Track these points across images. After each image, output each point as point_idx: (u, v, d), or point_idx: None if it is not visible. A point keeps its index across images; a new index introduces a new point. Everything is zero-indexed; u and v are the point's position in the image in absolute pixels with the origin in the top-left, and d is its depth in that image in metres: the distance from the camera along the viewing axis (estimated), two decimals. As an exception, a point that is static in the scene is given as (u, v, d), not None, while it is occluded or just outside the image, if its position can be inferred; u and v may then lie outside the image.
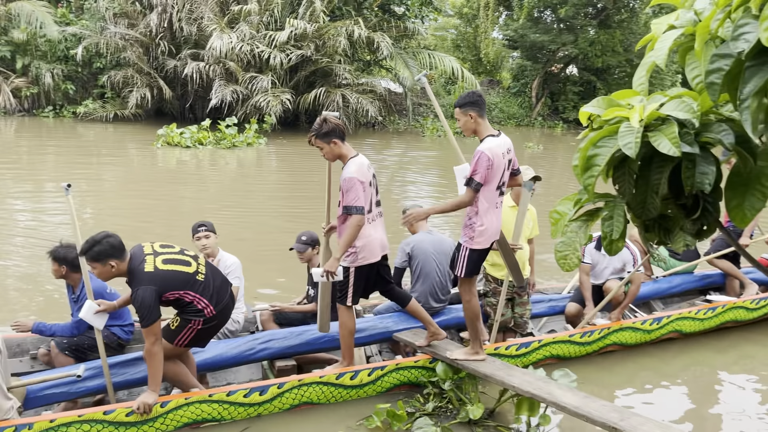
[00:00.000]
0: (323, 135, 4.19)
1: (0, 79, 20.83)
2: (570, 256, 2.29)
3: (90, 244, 3.74)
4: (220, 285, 4.06)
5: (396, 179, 15.32)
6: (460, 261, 4.28)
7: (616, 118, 2.17)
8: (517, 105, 30.49)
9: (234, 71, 20.02)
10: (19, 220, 9.43)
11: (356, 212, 4.05)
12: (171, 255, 3.90)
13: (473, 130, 4.26)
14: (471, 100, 4.22)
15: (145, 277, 3.70)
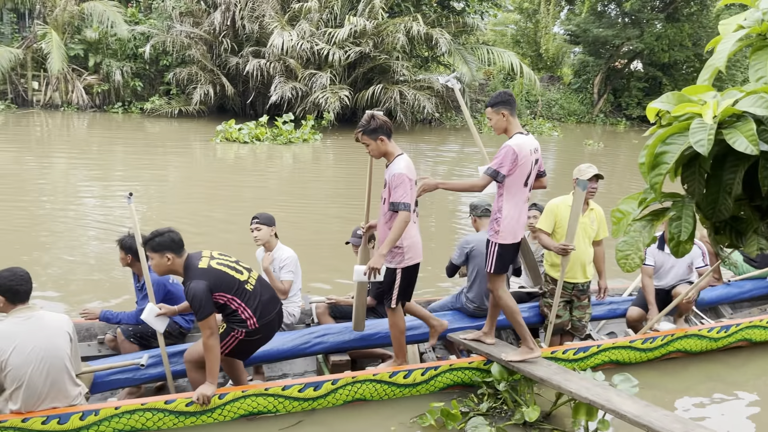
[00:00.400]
0: (370, 131, 4.16)
1: (74, 77, 21.79)
2: (632, 256, 2.21)
3: (153, 235, 3.88)
4: (267, 300, 4.08)
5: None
6: (489, 257, 4.30)
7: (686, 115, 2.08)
8: (577, 101, 29.80)
9: (294, 68, 20.31)
10: (90, 210, 9.84)
11: (404, 209, 4.02)
12: (225, 260, 4.01)
13: (504, 128, 4.29)
14: (503, 99, 4.25)
15: (198, 272, 3.84)
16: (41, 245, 7.92)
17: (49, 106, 21.81)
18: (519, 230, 4.31)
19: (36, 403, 3.52)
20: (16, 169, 12.76)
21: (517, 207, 4.22)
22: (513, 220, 4.22)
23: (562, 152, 20.69)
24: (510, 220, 4.21)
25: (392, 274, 4.24)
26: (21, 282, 3.50)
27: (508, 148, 4.11)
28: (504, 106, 4.22)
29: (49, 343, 3.48)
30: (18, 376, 3.42)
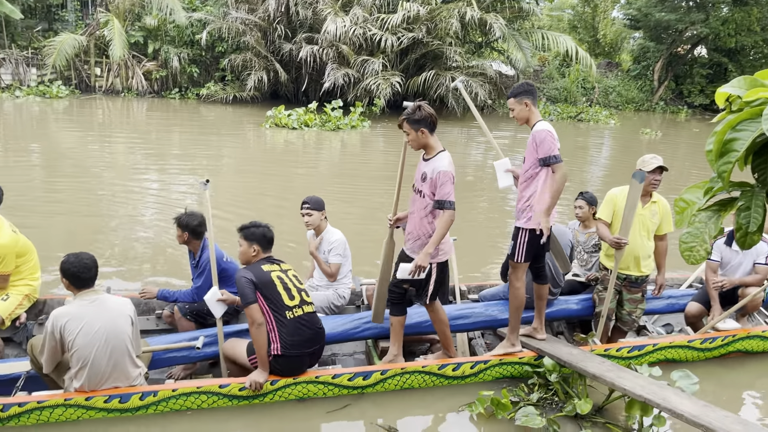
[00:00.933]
0: (414, 121, 4.10)
1: (134, 63, 22.43)
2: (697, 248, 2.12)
3: (251, 225, 4.06)
4: (305, 339, 4.00)
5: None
6: (519, 246, 4.26)
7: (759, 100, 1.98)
8: (636, 89, 28.89)
9: (346, 54, 20.36)
10: (148, 190, 10.15)
11: (449, 207, 3.99)
12: (287, 279, 4.02)
13: (527, 118, 4.29)
14: (526, 89, 4.27)
15: (253, 268, 3.96)
16: (101, 223, 8.22)
17: (110, 92, 22.54)
18: (553, 215, 4.28)
19: (99, 383, 3.66)
20: (80, 150, 13.26)
21: None
22: None
23: (618, 141, 20.13)
24: None
25: (428, 270, 4.18)
26: (85, 269, 3.62)
27: (547, 133, 4.11)
28: (527, 95, 4.24)
29: (113, 325, 3.60)
30: (83, 356, 3.56)
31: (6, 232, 4.45)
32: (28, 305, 4.63)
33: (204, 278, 4.60)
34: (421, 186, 4.13)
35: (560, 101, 27.15)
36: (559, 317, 5.18)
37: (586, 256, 5.47)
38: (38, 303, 4.79)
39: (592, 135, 21.01)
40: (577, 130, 21.84)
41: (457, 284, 5.47)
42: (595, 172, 14.80)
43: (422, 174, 4.13)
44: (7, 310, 4.44)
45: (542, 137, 4.10)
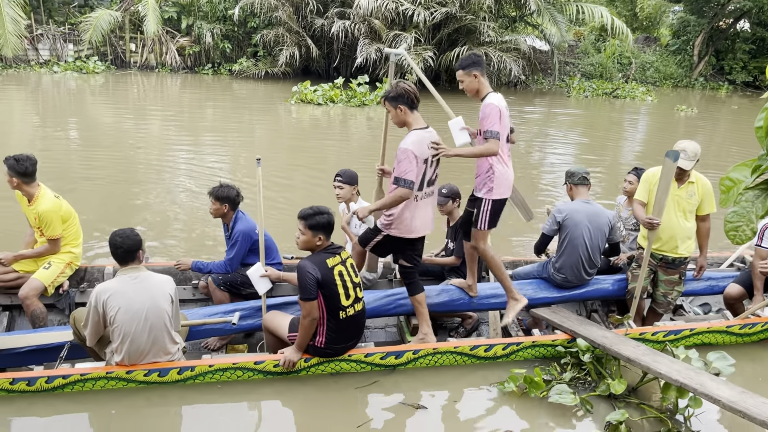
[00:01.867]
0: (391, 98, 4.16)
1: (167, 39, 22.59)
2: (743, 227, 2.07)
3: (314, 211, 3.92)
4: (348, 336, 4.06)
5: (536, 140, 14.79)
6: (482, 215, 4.36)
7: None
8: (675, 64, 28.08)
9: (378, 29, 20.17)
10: (181, 164, 10.30)
11: (404, 185, 4.04)
12: (347, 277, 3.97)
13: (476, 90, 4.31)
14: (474, 60, 4.27)
15: (318, 261, 3.88)
16: (136, 196, 8.38)
17: (144, 67, 22.76)
18: (511, 183, 4.40)
19: (138, 358, 3.77)
20: (116, 125, 13.47)
21: (504, 162, 4.31)
22: (503, 176, 4.29)
23: (654, 118, 19.64)
24: (501, 175, 4.28)
25: (376, 231, 4.36)
26: (129, 246, 3.68)
27: (492, 107, 4.14)
28: (475, 67, 4.24)
29: (153, 303, 3.69)
30: (123, 332, 3.66)
31: (48, 197, 4.58)
32: (70, 273, 4.76)
33: (237, 249, 4.68)
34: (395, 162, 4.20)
35: (595, 77, 26.54)
36: (594, 297, 5.13)
37: (625, 232, 5.40)
38: (80, 271, 4.92)
39: (627, 112, 20.55)
40: (612, 107, 21.38)
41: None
42: (630, 150, 14.51)
43: None
44: (49, 278, 4.57)
45: (487, 112, 4.14)
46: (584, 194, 4.93)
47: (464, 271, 5.12)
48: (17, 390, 3.73)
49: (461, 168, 8.72)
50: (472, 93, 4.34)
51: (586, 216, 4.78)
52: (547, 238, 4.93)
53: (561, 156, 13.00)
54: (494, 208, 4.34)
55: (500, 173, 4.27)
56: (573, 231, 4.74)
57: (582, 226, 4.75)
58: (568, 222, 4.77)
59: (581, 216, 4.77)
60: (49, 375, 3.76)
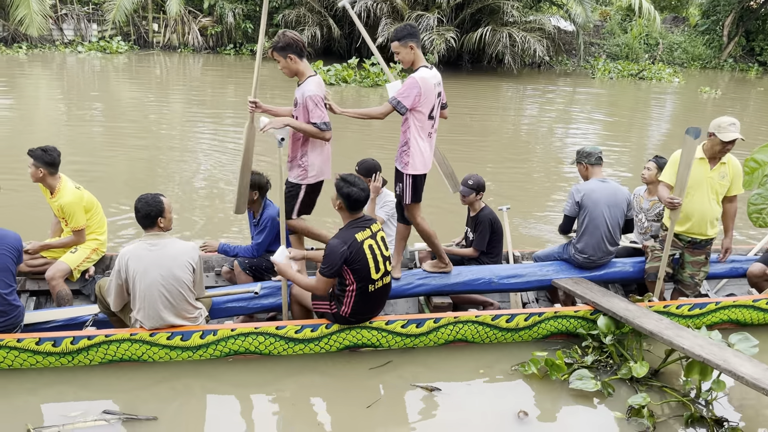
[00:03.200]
0: (280, 48, 4.16)
1: (190, 19, 22.62)
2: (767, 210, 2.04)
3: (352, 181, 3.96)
4: (373, 307, 4.13)
5: (559, 122, 14.61)
6: (405, 190, 4.39)
7: None
8: (703, 45, 27.44)
9: (400, 9, 19.99)
10: (204, 146, 10.36)
11: (325, 128, 4.14)
12: (378, 250, 3.99)
13: (411, 61, 4.32)
14: (410, 32, 4.26)
15: (350, 238, 3.89)
16: (160, 177, 8.46)
17: (167, 48, 22.84)
18: (428, 160, 4.42)
19: (157, 323, 3.85)
20: (139, 105, 13.58)
21: (425, 140, 4.33)
22: (420, 151, 4.31)
23: (679, 100, 19.26)
24: (416, 151, 4.30)
25: (296, 188, 4.36)
26: (147, 210, 3.75)
27: (412, 80, 4.16)
28: (411, 38, 4.24)
29: (170, 272, 3.75)
30: (141, 297, 3.75)
31: (69, 189, 4.63)
32: (96, 259, 4.84)
33: (265, 235, 4.72)
34: (295, 112, 4.22)
35: (621, 58, 26.05)
36: (614, 279, 5.09)
37: (647, 224, 5.32)
38: (105, 258, 5.01)
39: (652, 93, 20.18)
40: (637, 89, 21.01)
41: (510, 250, 5.43)
42: (654, 132, 14.28)
43: (294, 100, 4.24)
44: (75, 262, 4.65)
45: (406, 83, 4.18)
46: (599, 174, 4.91)
47: (484, 262, 5.10)
48: (43, 351, 3.82)
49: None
50: (407, 65, 4.34)
51: (605, 194, 4.75)
52: (570, 219, 4.90)
53: (584, 138, 12.84)
54: (415, 183, 4.38)
55: (416, 148, 4.30)
56: (592, 210, 4.71)
57: (601, 205, 4.71)
58: (587, 201, 4.73)
59: (599, 195, 4.74)
60: (74, 335, 3.84)
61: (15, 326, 3.85)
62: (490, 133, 13.27)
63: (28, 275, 4.73)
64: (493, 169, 9.85)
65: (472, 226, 5.18)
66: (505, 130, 13.76)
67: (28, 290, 4.79)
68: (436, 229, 4.62)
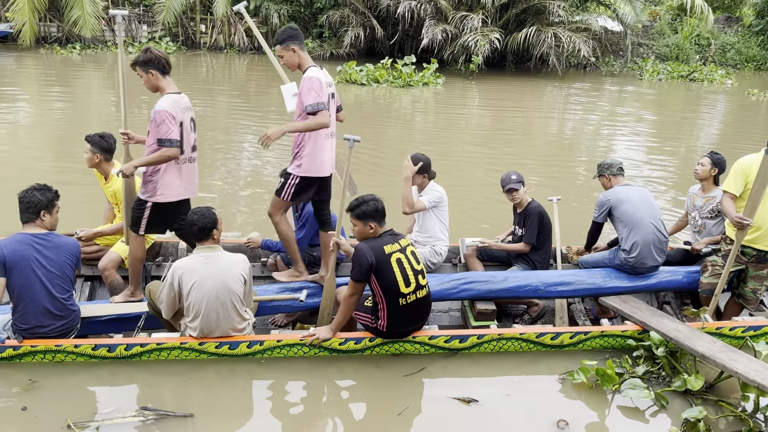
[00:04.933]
0: (141, 63, 4.15)
1: (236, 20, 22.97)
2: None
3: (359, 203, 3.96)
4: (417, 318, 4.06)
5: (604, 125, 14.31)
6: (288, 187, 4.31)
7: None
8: (758, 46, 26.52)
9: (444, 10, 19.91)
10: (246, 146, 10.50)
11: (168, 145, 4.04)
12: (407, 264, 3.94)
13: (297, 64, 4.26)
14: (290, 34, 4.22)
15: (376, 246, 3.89)
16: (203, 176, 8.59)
17: (213, 48, 23.27)
18: (325, 164, 4.34)
19: (209, 333, 3.91)
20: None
21: (320, 141, 4.24)
22: (314, 154, 4.24)
23: (726, 102, 18.61)
24: (311, 153, 4.23)
25: (142, 205, 4.26)
26: (203, 224, 3.79)
27: (314, 80, 4.10)
28: (293, 41, 4.20)
29: (223, 284, 3.79)
30: (195, 308, 3.81)
31: None
32: (146, 246, 4.94)
33: (306, 229, 4.75)
34: (149, 126, 4.14)
35: (671, 59, 25.38)
36: (666, 288, 4.94)
37: (701, 221, 5.14)
38: (155, 245, 5.11)
39: (702, 95, 19.59)
40: (687, 91, 20.43)
41: (558, 247, 5.32)
42: (705, 135, 13.84)
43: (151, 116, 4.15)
44: (126, 251, 4.75)
45: (309, 85, 4.08)
46: (622, 182, 4.92)
47: (532, 259, 5.02)
48: (98, 356, 3.91)
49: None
50: (293, 68, 4.28)
51: (634, 194, 4.76)
52: (598, 225, 4.91)
53: (630, 142, 12.53)
54: (301, 184, 4.30)
55: (311, 151, 4.23)
56: (629, 209, 4.66)
57: (637, 202, 4.67)
58: (621, 203, 4.69)
59: (631, 193, 4.76)
60: (128, 343, 3.93)
61: (72, 329, 3.96)
62: (534, 132, 13.08)
63: (83, 261, 4.84)
64: (538, 169, 9.70)
65: (520, 222, 5.12)
66: (549, 129, 13.56)
67: (83, 275, 4.95)
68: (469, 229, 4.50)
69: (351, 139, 4.27)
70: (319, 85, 4.11)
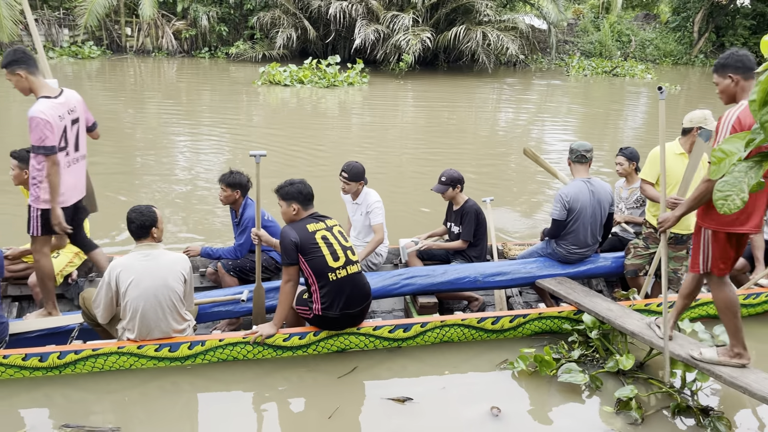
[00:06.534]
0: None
1: (163, 22, 22.40)
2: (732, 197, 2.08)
3: (285, 184, 4.05)
4: (350, 297, 4.01)
5: (534, 119, 14.75)
6: (32, 221, 4.04)
7: None
8: (675, 41, 27.90)
9: (376, 10, 20.02)
10: (180, 149, 10.26)
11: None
12: (333, 240, 3.99)
13: (27, 88, 3.96)
14: (15, 58, 3.86)
15: (299, 227, 3.95)
16: (136, 184, 8.35)
17: (141, 52, 22.61)
18: (68, 194, 4.12)
19: (148, 335, 3.80)
20: (114, 111, 13.38)
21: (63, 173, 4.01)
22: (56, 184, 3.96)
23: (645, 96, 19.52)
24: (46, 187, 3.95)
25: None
26: (143, 220, 3.70)
27: (37, 120, 3.79)
28: (17, 65, 3.86)
29: (162, 282, 3.70)
30: (133, 308, 3.69)
31: None
32: (78, 263, 4.77)
33: (247, 235, 4.70)
34: None
35: (595, 55, 26.39)
36: (596, 274, 5.15)
37: (627, 212, 5.40)
38: (88, 261, 4.92)
39: (626, 90, 20.45)
40: (611, 86, 21.29)
41: (494, 244, 5.47)
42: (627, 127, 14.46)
43: None
44: (58, 266, 4.58)
45: (32, 126, 3.80)
46: (582, 173, 4.84)
47: (470, 255, 5.13)
48: (29, 367, 3.75)
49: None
50: (26, 93, 4.00)
51: (590, 196, 4.74)
52: (560, 223, 4.80)
53: (559, 135, 12.97)
54: (45, 216, 4.01)
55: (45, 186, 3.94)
56: (578, 213, 4.73)
57: (588, 207, 4.73)
58: (574, 205, 4.73)
59: (585, 197, 4.73)
60: (61, 350, 3.78)
61: (0, 341, 3.78)
62: (467, 130, 13.34)
63: (10, 280, 4.67)
64: (472, 164, 9.90)
65: (456, 220, 5.21)
66: (481, 127, 13.85)
67: (10, 296, 4.73)
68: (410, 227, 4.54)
69: (257, 155, 4.25)
70: (44, 124, 3.80)
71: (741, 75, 3.44)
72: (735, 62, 3.46)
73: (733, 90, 3.48)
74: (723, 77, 3.50)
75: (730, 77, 3.46)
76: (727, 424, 3.48)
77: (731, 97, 3.52)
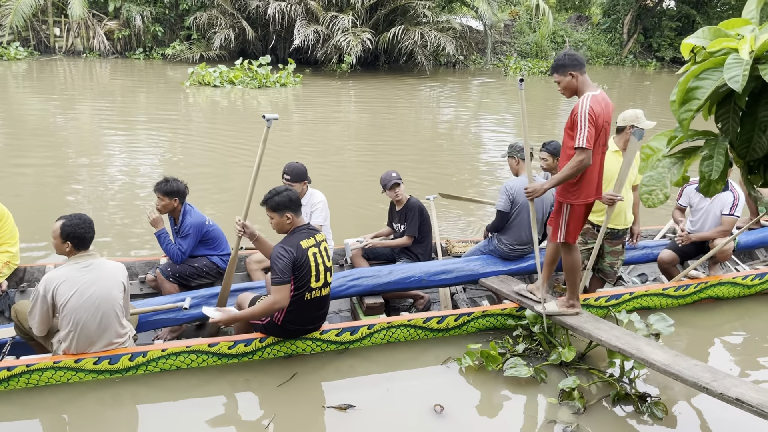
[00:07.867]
0: None
1: (94, 22, 21.63)
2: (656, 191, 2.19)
3: (271, 194, 3.87)
4: (313, 318, 4.04)
5: (473, 119, 15.01)
6: None
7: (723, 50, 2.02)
8: (606, 42, 28.93)
9: (315, 11, 19.92)
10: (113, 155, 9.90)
11: None
12: (321, 259, 3.92)
13: None
14: None
15: (293, 243, 3.82)
16: (70, 191, 8.04)
17: (71, 53, 21.77)
18: None
19: (87, 346, 3.66)
20: (43, 115, 12.83)
21: None
22: None
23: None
24: None
25: None
26: (88, 229, 3.57)
27: None
28: None
29: (105, 292, 3.58)
30: (73, 320, 3.54)
31: None
32: (8, 273, 4.56)
33: (189, 241, 4.60)
34: None
35: (531, 56, 27.09)
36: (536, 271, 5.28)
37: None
38: (18, 271, 4.71)
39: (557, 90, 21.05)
40: (547, 84, 21.89)
41: (438, 241, 5.54)
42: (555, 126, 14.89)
43: None
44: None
45: None
46: (524, 169, 4.94)
47: (415, 252, 5.17)
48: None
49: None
50: None
51: None
52: (504, 214, 4.90)
53: (498, 134, 13.24)
54: None
55: None
56: (521, 208, 4.84)
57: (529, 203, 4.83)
58: (519, 198, 4.83)
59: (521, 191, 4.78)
60: (-9, 368, 3.59)
61: None
62: (408, 130, 13.45)
63: None
64: (413, 164, 9.99)
65: (402, 219, 5.25)
66: (422, 126, 13.99)
67: None
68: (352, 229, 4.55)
69: (270, 119, 4.20)
70: None
71: (578, 71, 3.91)
72: (572, 61, 3.91)
73: (575, 85, 3.94)
74: (564, 75, 3.94)
75: (571, 74, 3.91)
76: (663, 409, 3.66)
77: (573, 90, 3.97)
